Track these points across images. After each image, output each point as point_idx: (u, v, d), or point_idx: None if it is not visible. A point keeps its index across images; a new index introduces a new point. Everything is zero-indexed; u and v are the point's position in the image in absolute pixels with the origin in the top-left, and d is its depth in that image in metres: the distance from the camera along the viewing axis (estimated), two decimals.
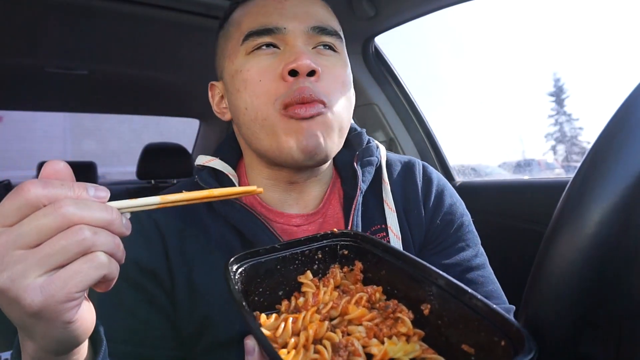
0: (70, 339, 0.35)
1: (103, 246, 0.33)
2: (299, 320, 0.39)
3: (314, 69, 0.58)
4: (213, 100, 0.71)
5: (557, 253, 0.32)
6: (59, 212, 0.31)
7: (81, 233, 0.32)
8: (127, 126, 11.15)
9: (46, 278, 0.31)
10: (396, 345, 0.37)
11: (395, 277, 0.44)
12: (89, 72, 1.70)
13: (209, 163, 0.68)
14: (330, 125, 0.60)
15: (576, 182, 0.33)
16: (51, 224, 0.31)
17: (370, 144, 0.74)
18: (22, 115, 9.00)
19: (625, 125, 0.32)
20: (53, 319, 0.32)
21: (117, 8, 1.17)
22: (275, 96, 0.58)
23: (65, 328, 0.33)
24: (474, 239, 0.72)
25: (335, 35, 0.63)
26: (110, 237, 0.34)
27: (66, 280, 0.31)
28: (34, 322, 0.33)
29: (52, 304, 0.31)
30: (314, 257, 0.49)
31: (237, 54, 0.62)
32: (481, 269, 0.69)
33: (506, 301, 0.68)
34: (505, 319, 0.33)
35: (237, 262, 0.44)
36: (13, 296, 0.31)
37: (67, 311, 0.32)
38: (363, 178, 0.68)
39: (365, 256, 0.48)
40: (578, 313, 0.31)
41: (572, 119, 11.81)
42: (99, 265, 0.33)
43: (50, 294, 0.31)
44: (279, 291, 0.46)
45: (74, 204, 0.32)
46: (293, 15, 0.61)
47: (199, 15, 1.23)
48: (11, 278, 0.31)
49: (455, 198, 0.74)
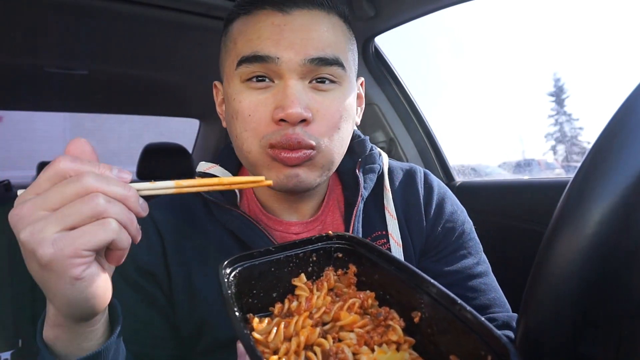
0: (79, 301, 0.38)
1: (115, 215, 0.36)
2: (291, 325, 0.39)
3: (305, 117, 0.55)
4: (216, 99, 0.71)
5: (557, 253, 0.32)
6: (80, 182, 0.35)
7: (96, 199, 0.35)
8: (127, 126, 11.14)
9: (59, 234, 0.35)
10: (386, 354, 0.37)
11: (388, 283, 0.44)
12: (89, 72, 1.70)
13: (209, 170, 0.69)
14: (317, 166, 0.60)
15: (576, 182, 0.33)
16: (71, 190, 0.35)
17: (373, 151, 0.74)
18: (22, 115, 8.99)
19: (625, 125, 0.32)
20: (61, 272, 0.35)
21: (117, 8, 1.17)
22: (262, 134, 0.57)
23: (72, 284, 0.36)
24: (476, 247, 0.72)
25: (335, 64, 0.58)
26: (124, 209, 0.37)
27: (75, 238, 0.35)
28: (46, 275, 0.36)
29: (61, 257, 0.35)
30: (309, 260, 0.49)
31: (233, 78, 0.60)
32: (483, 276, 0.69)
33: (509, 309, 0.68)
34: (492, 334, 0.32)
35: (231, 265, 0.44)
36: (30, 248, 0.35)
37: (74, 267, 0.35)
38: (365, 185, 0.68)
39: (359, 260, 0.48)
40: (578, 313, 0.31)
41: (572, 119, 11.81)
42: (108, 229, 0.36)
43: (59, 248, 0.34)
44: (273, 293, 0.46)
45: (94, 177, 0.36)
46: (288, 44, 0.56)
47: (199, 15, 1.23)
48: (31, 232, 0.35)
49: (456, 206, 0.74)
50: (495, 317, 0.65)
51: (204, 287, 0.63)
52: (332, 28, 0.60)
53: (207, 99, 0.72)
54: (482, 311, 0.65)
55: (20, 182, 2.15)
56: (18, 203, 0.37)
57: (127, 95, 2.14)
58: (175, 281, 0.63)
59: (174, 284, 0.63)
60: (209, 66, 0.74)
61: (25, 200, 0.37)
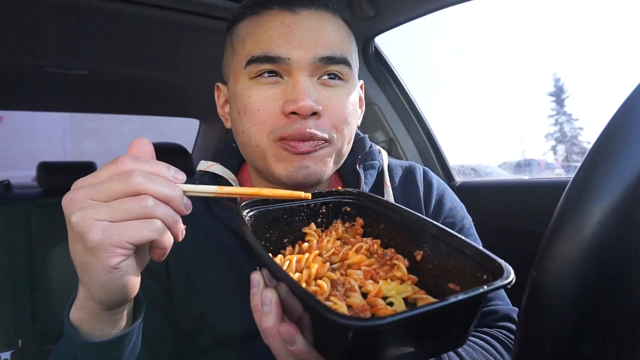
0: (111, 288, 0.40)
1: (161, 215, 0.39)
2: (302, 260, 0.42)
3: (316, 110, 0.57)
4: (218, 101, 0.71)
5: (557, 253, 0.32)
6: (129, 180, 0.38)
7: (145, 201, 0.38)
8: (127, 126, 11.14)
9: (109, 223, 0.37)
10: (390, 284, 0.40)
11: (393, 229, 0.47)
12: (89, 72, 1.69)
13: (210, 168, 0.69)
14: (326, 157, 0.61)
15: (576, 182, 0.33)
16: (120, 187, 0.38)
17: (373, 148, 0.75)
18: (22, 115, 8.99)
19: (625, 125, 0.32)
20: (103, 258, 0.38)
21: (117, 8, 1.17)
22: (272, 128, 0.58)
23: (109, 272, 0.38)
24: (476, 242, 0.72)
25: (343, 63, 0.60)
26: (170, 211, 0.40)
27: (123, 229, 0.38)
28: (89, 257, 0.38)
29: (107, 244, 0.37)
30: (318, 211, 0.52)
31: (240, 76, 0.61)
32: None
33: (509, 303, 0.69)
34: (489, 257, 0.35)
35: (248, 207, 0.47)
36: (80, 230, 0.37)
37: (116, 256, 0.38)
38: (365, 180, 0.69)
39: (366, 212, 0.51)
40: (578, 313, 0.31)
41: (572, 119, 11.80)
42: (152, 228, 0.38)
43: (107, 235, 0.37)
44: (284, 239, 0.49)
45: (143, 176, 0.38)
46: (298, 44, 0.57)
47: (199, 15, 1.23)
48: (83, 216, 0.37)
49: (455, 202, 0.75)
50: (496, 309, 0.66)
51: (204, 284, 0.63)
52: (337, 29, 0.62)
53: (207, 99, 0.72)
54: None
55: (20, 182, 2.15)
56: (74, 188, 0.40)
57: (127, 95, 2.14)
58: (175, 278, 0.64)
59: (173, 280, 0.64)
60: (209, 66, 0.74)
61: (80, 187, 0.39)
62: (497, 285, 0.32)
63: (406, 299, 0.39)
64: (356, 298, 0.38)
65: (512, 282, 0.33)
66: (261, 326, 0.38)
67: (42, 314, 1.48)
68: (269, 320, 0.38)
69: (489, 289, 0.32)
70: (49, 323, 1.48)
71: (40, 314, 1.48)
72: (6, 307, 1.44)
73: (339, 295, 0.38)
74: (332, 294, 0.38)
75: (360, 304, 0.37)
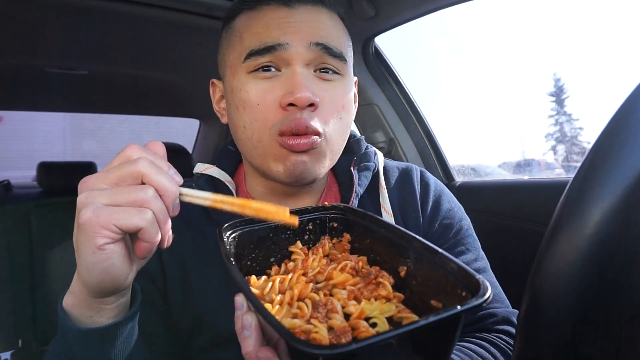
0: (95, 270, 0.41)
1: (155, 208, 0.40)
2: (285, 281, 0.42)
3: (313, 101, 0.57)
4: (214, 97, 0.71)
5: (557, 253, 0.32)
6: (135, 165, 0.40)
7: (146, 190, 0.40)
8: (127, 126, 11.14)
9: (103, 205, 0.39)
10: (372, 304, 0.40)
11: (379, 245, 0.47)
12: (89, 72, 1.69)
13: (206, 171, 0.69)
14: (322, 153, 0.61)
15: (576, 182, 0.33)
16: (126, 169, 0.40)
17: (369, 150, 0.75)
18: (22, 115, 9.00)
19: (625, 126, 0.32)
20: (89, 236, 0.39)
21: (117, 8, 1.17)
22: (272, 122, 0.58)
23: (93, 252, 0.40)
24: (474, 243, 0.72)
25: (339, 57, 0.61)
26: (164, 208, 0.41)
27: (112, 212, 0.39)
28: (78, 235, 0.40)
29: (94, 223, 0.39)
30: (305, 228, 0.51)
31: (238, 70, 0.61)
32: (482, 272, 0.69)
33: (509, 305, 0.68)
34: (468, 274, 0.35)
35: (231, 229, 0.47)
36: (78, 208, 0.40)
37: (100, 237, 0.39)
38: (359, 182, 0.69)
39: (352, 227, 0.51)
40: (578, 313, 0.31)
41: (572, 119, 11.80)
42: (142, 217, 0.40)
43: (96, 215, 0.39)
44: (271, 258, 0.49)
45: (148, 163, 0.41)
46: (296, 30, 0.58)
47: (199, 15, 1.23)
48: (86, 196, 0.40)
49: (453, 203, 0.75)
50: (495, 312, 0.65)
51: (202, 286, 0.63)
52: (334, 24, 0.63)
53: (207, 99, 0.73)
54: None
55: (20, 182, 2.15)
56: (91, 175, 0.42)
57: (127, 95, 2.14)
58: (172, 280, 0.64)
59: (170, 282, 0.64)
60: (209, 66, 0.74)
61: (97, 172, 0.42)
62: (471, 305, 0.32)
63: (391, 318, 0.39)
64: (337, 320, 0.37)
65: (488, 300, 0.33)
66: (242, 350, 0.38)
67: (42, 314, 1.48)
68: (249, 345, 0.37)
69: (462, 309, 0.32)
70: (49, 323, 1.48)
71: (41, 314, 1.48)
72: (6, 307, 1.44)
73: (320, 317, 0.37)
74: (314, 316, 0.37)
75: (341, 326, 0.36)
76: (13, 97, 2.01)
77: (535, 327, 0.33)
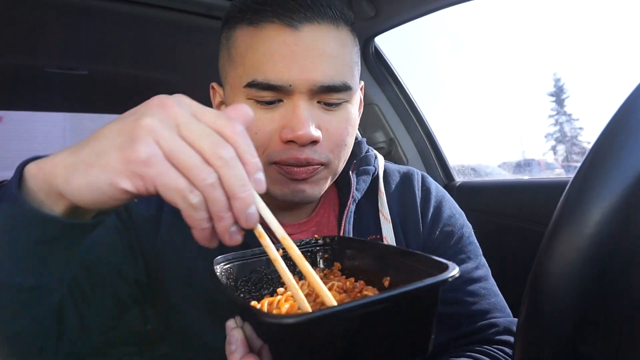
0: (87, 195, 0.34)
1: (209, 200, 0.32)
2: (274, 302, 0.43)
3: (315, 139, 0.55)
4: (214, 101, 0.70)
5: (557, 253, 0.32)
6: (222, 146, 0.33)
7: (205, 174, 0.32)
8: None
9: (163, 157, 0.32)
10: None
11: (366, 264, 0.48)
12: (89, 72, 1.69)
13: None
14: (323, 179, 0.60)
15: (576, 182, 0.33)
16: (209, 141, 0.32)
17: (369, 153, 0.73)
18: (22, 115, 8.99)
19: (625, 125, 0.32)
20: (117, 171, 0.32)
21: (117, 8, 1.17)
22: (268, 151, 0.57)
23: (107, 184, 0.33)
24: (475, 251, 0.71)
25: (343, 90, 0.57)
26: (222, 207, 0.32)
27: (165, 173, 0.32)
28: (113, 152, 0.33)
29: (138, 165, 0.32)
30: None
31: (238, 93, 0.58)
32: (483, 281, 0.68)
33: (510, 314, 0.67)
34: (441, 263, 0.36)
35: (224, 260, 0.47)
36: (137, 132, 0.32)
37: (129, 183, 0.32)
38: (357, 186, 0.68)
39: (342, 256, 0.52)
40: (578, 313, 0.31)
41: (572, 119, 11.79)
42: (187, 201, 0.32)
43: (149, 161, 0.31)
44: (264, 291, 0.49)
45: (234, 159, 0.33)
46: (300, 69, 0.54)
47: (199, 15, 1.23)
48: (153, 127, 0.32)
49: (454, 209, 0.73)
50: (496, 322, 0.64)
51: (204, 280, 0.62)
52: (341, 44, 0.58)
53: (207, 99, 0.72)
54: (482, 316, 0.65)
55: None
56: (175, 99, 0.35)
57: (127, 95, 2.14)
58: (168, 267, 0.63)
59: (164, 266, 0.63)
60: (209, 66, 0.73)
61: (180, 103, 0.35)
62: (439, 279, 0.32)
63: None
64: None
65: (455, 275, 0.33)
66: None
67: None
68: (234, 358, 0.37)
69: (424, 284, 0.32)
70: None
71: None
72: None
73: None
74: None
75: None
76: (13, 97, 2.01)
77: (535, 327, 0.33)
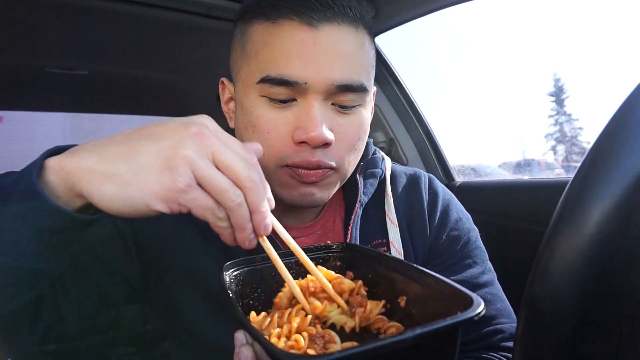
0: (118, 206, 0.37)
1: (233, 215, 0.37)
2: (284, 315, 0.42)
3: (328, 141, 0.54)
4: (222, 97, 0.68)
5: (557, 253, 0.32)
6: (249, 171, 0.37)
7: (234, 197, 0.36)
8: (127, 126, 11.05)
9: (196, 183, 0.36)
10: None
11: (380, 279, 0.47)
12: (89, 72, 1.69)
13: None
14: (333, 183, 0.60)
15: (576, 182, 0.33)
16: (241, 169, 0.37)
17: (376, 155, 0.72)
18: (22, 115, 8.98)
19: (625, 125, 0.32)
20: (154, 195, 0.35)
21: (117, 8, 1.17)
22: (279, 153, 0.56)
23: (143, 203, 0.36)
24: (482, 255, 0.70)
25: (360, 90, 0.57)
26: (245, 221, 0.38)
27: (198, 199, 0.36)
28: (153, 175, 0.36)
29: (174, 194, 0.35)
30: None
31: (250, 89, 0.57)
32: (489, 286, 0.67)
33: (515, 319, 0.67)
34: (461, 292, 0.35)
35: (234, 267, 0.46)
36: (178, 161, 0.35)
37: (164, 205, 0.36)
38: (364, 190, 0.67)
39: (355, 265, 0.50)
40: (578, 313, 0.31)
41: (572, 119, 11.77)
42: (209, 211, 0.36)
43: (184, 191, 0.35)
44: (274, 297, 0.48)
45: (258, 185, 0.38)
46: (316, 67, 0.53)
47: (199, 15, 1.23)
48: (193, 158, 0.36)
49: (462, 213, 0.72)
50: (502, 328, 0.63)
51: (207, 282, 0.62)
52: (359, 46, 0.57)
53: (207, 99, 0.72)
54: (488, 322, 0.64)
55: None
56: (214, 128, 0.39)
57: (127, 95, 2.14)
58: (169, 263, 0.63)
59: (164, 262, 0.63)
60: (209, 66, 0.74)
61: (216, 133, 0.39)
62: (462, 318, 0.31)
63: None
64: (335, 349, 0.38)
65: (481, 314, 0.31)
66: None
67: None
68: None
69: (453, 321, 0.31)
70: None
71: None
72: None
73: (317, 347, 0.37)
74: (311, 347, 0.38)
75: None
76: (13, 97, 2.01)
77: (535, 327, 0.33)
